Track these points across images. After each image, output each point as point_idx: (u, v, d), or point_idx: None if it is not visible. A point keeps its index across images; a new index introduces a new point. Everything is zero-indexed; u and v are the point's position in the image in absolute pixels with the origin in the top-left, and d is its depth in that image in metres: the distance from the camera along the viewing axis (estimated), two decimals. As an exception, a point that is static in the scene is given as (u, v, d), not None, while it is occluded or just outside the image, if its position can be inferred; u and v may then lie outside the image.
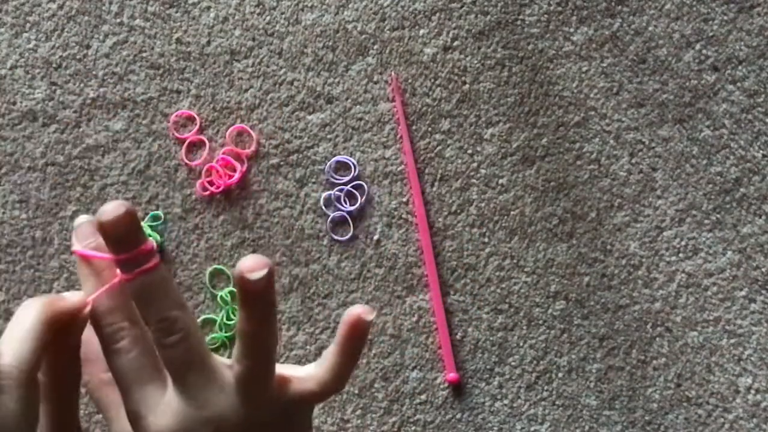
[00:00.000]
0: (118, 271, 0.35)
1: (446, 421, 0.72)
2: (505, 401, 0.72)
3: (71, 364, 0.36)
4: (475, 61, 0.76)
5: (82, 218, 0.36)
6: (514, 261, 0.73)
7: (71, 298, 0.35)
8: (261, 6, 0.76)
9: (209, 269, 0.72)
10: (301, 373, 0.37)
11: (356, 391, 0.72)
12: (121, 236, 0.34)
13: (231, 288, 0.72)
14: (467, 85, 0.75)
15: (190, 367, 0.35)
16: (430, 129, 0.75)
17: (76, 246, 0.36)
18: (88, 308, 0.35)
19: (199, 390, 0.35)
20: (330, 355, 0.37)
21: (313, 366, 0.38)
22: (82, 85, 0.74)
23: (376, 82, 0.75)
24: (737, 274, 0.74)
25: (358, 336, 0.36)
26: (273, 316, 0.35)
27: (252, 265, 0.33)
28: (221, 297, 0.71)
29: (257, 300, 0.34)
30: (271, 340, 0.35)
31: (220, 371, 0.36)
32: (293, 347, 0.72)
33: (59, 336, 0.34)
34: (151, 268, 0.34)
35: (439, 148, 0.74)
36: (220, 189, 0.73)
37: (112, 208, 0.33)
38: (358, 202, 0.73)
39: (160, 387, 0.35)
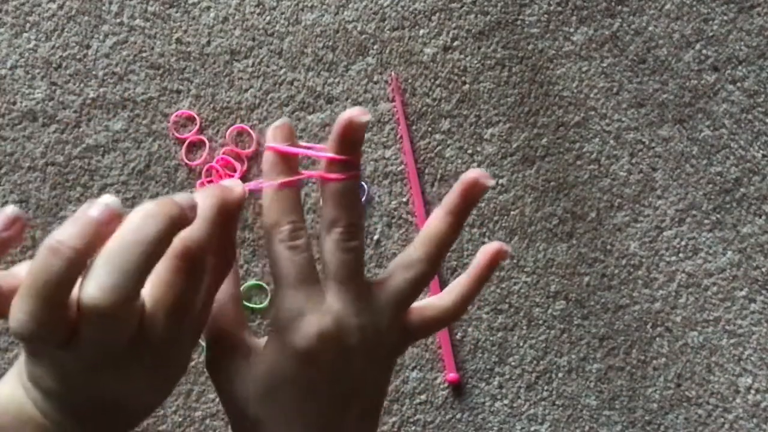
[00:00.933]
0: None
1: (446, 421, 0.72)
2: (505, 401, 0.72)
3: (229, 246, 0.37)
4: (475, 61, 0.76)
5: (284, 120, 0.38)
6: (514, 261, 0.73)
7: (237, 188, 0.36)
8: (261, 6, 0.76)
9: (209, 269, 0.72)
10: (422, 304, 0.39)
11: (356, 391, 0.72)
12: (357, 139, 0.36)
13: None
14: (467, 85, 0.75)
15: (358, 274, 0.37)
16: (430, 129, 0.75)
17: (274, 144, 0.37)
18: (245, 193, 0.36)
19: (358, 297, 0.36)
20: (462, 283, 0.39)
21: (435, 298, 0.40)
22: (82, 85, 0.74)
23: (376, 82, 0.75)
24: (737, 274, 0.74)
25: (494, 266, 0.39)
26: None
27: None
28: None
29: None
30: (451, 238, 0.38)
31: (370, 285, 0.38)
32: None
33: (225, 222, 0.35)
34: (357, 175, 0.37)
35: (439, 148, 0.74)
36: (220, 189, 0.73)
37: (359, 112, 0.35)
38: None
39: (321, 290, 0.36)
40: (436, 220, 0.38)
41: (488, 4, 0.77)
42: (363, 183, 0.74)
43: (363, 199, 0.73)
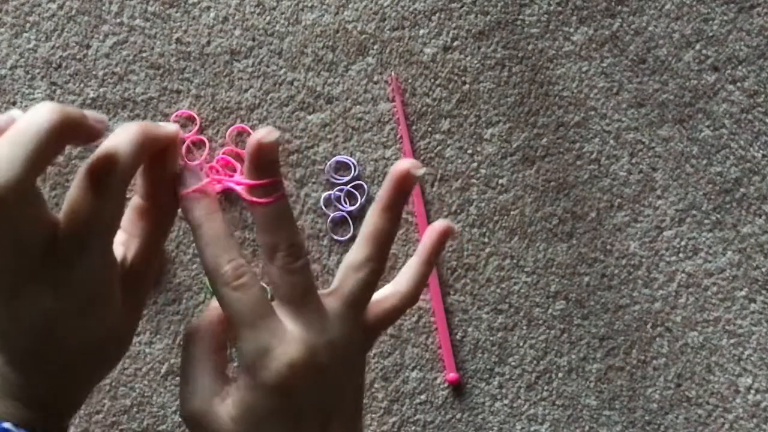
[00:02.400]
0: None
1: (446, 421, 0.72)
2: (505, 401, 0.72)
3: (166, 196, 0.37)
4: (475, 61, 0.76)
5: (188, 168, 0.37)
6: (514, 261, 0.73)
7: (169, 127, 0.35)
8: (261, 6, 0.76)
9: (209, 269, 0.72)
10: (380, 295, 0.40)
11: (356, 391, 0.72)
12: (272, 160, 0.35)
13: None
14: (467, 85, 0.75)
15: (311, 292, 0.36)
16: (430, 129, 0.75)
17: (192, 185, 0.37)
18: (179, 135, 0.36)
19: (315, 316, 0.36)
20: (412, 267, 0.40)
21: (389, 287, 0.40)
22: (82, 85, 0.74)
23: (376, 82, 0.75)
24: (737, 274, 0.74)
25: (442, 246, 0.41)
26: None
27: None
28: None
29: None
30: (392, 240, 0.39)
31: (326, 300, 0.37)
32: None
33: (154, 162, 0.36)
34: (284, 195, 0.36)
35: (439, 148, 0.74)
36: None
37: (267, 133, 0.35)
38: (358, 202, 0.73)
39: (278, 320, 0.36)
40: (374, 218, 0.38)
41: (488, 4, 0.77)
42: (363, 183, 0.74)
43: (363, 198, 0.73)
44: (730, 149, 0.76)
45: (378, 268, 0.38)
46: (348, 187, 0.73)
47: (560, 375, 0.72)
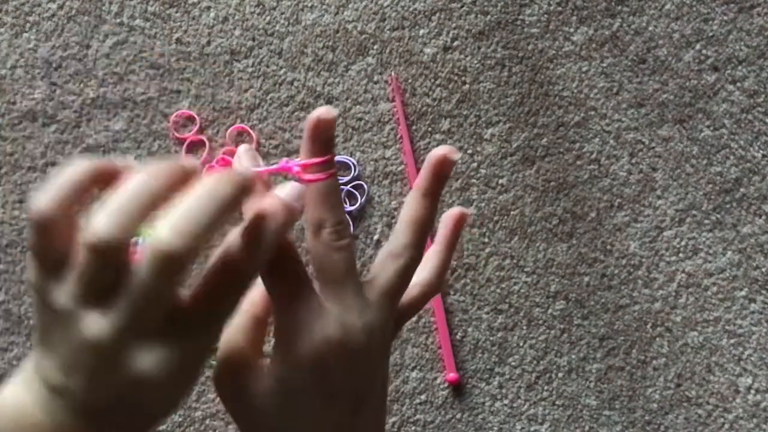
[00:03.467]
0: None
1: (446, 421, 0.72)
2: (505, 401, 0.72)
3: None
4: (475, 61, 0.76)
5: (245, 147, 0.38)
6: (514, 261, 0.73)
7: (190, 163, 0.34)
8: (261, 6, 0.76)
9: (209, 269, 0.72)
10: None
11: (356, 391, 0.72)
12: (329, 137, 0.36)
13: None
14: (467, 85, 0.75)
15: (353, 272, 0.36)
16: (430, 129, 0.75)
17: (245, 166, 0.38)
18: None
19: (354, 297, 0.36)
20: (432, 255, 0.41)
21: (414, 275, 0.40)
22: (82, 85, 0.74)
23: (376, 82, 0.75)
24: (737, 274, 0.74)
25: (460, 231, 0.42)
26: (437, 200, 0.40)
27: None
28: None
29: (443, 178, 0.38)
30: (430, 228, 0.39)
31: (365, 284, 0.38)
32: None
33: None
34: (335, 173, 0.37)
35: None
36: (220, 189, 0.73)
37: (326, 110, 0.35)
38: (358, 202, 0.73)
39: (316, 298, 0.36)
40: (413, 204, 0.38)
41: (488, 4, 0.77)
42: (363, 183, 0.74)
43: (363, 199, 0.73)
44: (730, 149, 0.76)
45: (417, 255, 0.38)
46: (348, 187, 0.73)
47: (560, 375, 0.72)
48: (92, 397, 0.31)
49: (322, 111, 0.35)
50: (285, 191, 0.35)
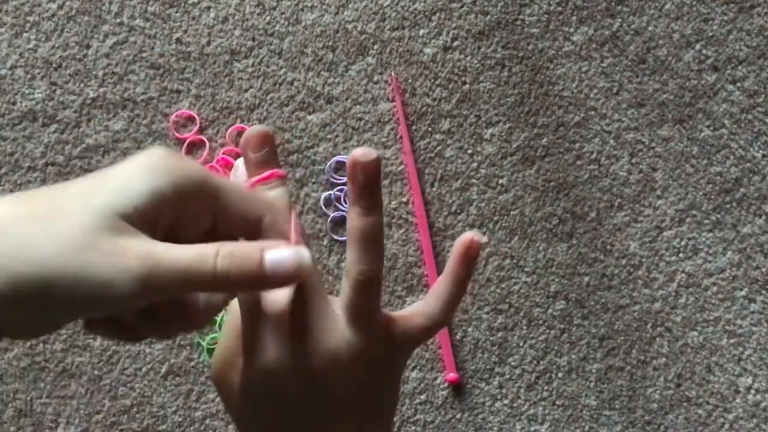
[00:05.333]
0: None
1: (446, 421, 0.72)
2: (505, 401, 0.72)
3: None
4: (475, 61, 0.76)
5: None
6: (514, 261, 0.73)
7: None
8: (261, 6, 0.76)
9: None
10: (406, 312, 0.38)
11: (356, 391, 0.72)
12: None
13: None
14: (467, 85, 0.75)
15: (310, 296, 0.36)
16: (430, 129, 0.75)
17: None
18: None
19: (315, 320, 0.35)
20: (440, 285, 0.38)
21: (420, 303, 0.38)
22: (82, 85, 0.74)
23: (376, 82, 0.75)
24: (737, 274, 0.74)
25: (470, 260, 0.37)
26: (381, 210, 0.37)
27: (364, 152, 0.35)
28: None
29: (370, 184, 0.36)
30: (380, 240, 0.37)
31: (333, 304, 0.37)
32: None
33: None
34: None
35: (439, 148, 0.74)
36: (220, 189, 0.73)
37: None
38: (358, 202, 0.73)
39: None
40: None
41: (488, 4, 0.77)
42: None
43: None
44: (730, 149, 0.76)
45: (365, 270, 0.36)
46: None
47: (560, 375, 0.72)
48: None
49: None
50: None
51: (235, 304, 0.39)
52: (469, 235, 0.37)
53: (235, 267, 0.30)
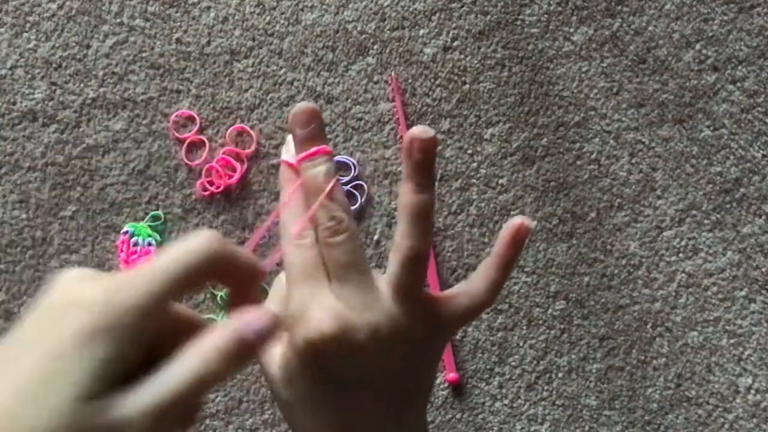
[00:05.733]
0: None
1: (446, 421, 0.72)
2: (505, 401, 0.72)
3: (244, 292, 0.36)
4: (475, 61, 0.76)
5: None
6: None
7: (246, 256, 0.33)
8: (261, 6, 0.76)
9: (209, 269, 0.72)
10: (451, 293, 0.38)
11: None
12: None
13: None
14: (467, 85, 0.75)
15: (351, 269, 0.36)
16: (430, 129, 0.75)
17: (286, 156, 0.39)
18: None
19: (358, 293, 0.36)
20: (486, 267, 0.38)
21: (464, 283, 0.39)
22: (82, 85, 0.74)
23: (376, 82, 0.75)
24: (737, 274, 0.74)
25: (518, 244, 0.38)
26: (434, 188, 0.38)
27: (422, 129, 0.35)
28: (221, 297, 0.71)
29: (426, 161, 0.36)
30: (431, 218, 0.37)
31: (377, 280, 0.37)
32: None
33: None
34: (333, 174, 0.38)
35: (439, 148, 0.74)
36: (220, 189, 0.73)
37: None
38: (358, 202, 0.73)
39: (325, 288, 0.36)
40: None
41: (488, 4, 0.77)
42: (363, 183, 0.74)
43: (363, 199, 0.73)
44: (730, 149, 0.76)
45: (415, 245, 0.36)
46: (348, 187, 0.73)
47: (560, 375, 0.72)
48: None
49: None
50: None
51: (281, 276, 0.39)
52: (518, 220, 0.38)
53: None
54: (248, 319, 0.30)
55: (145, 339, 0.29)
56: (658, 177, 0.75)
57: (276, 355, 0.37)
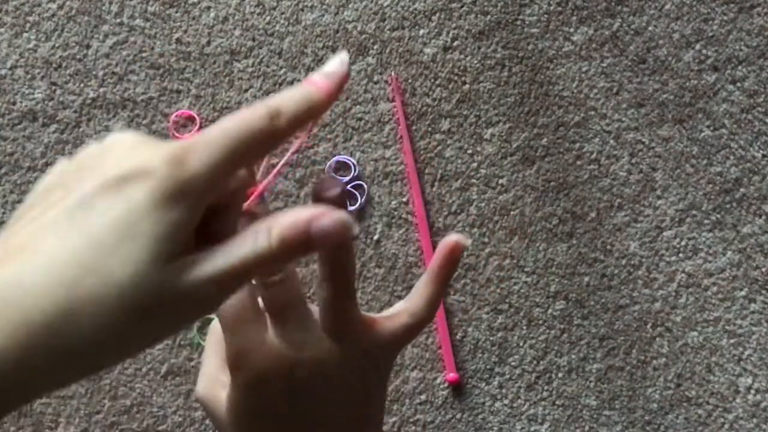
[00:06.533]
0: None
1: (446, 421, 0.72)
2: (505, 401, 0.72)
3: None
4: (475, 61, 0.76)
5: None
6: (514, 261, 0.73)
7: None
8: (261, 6, 0.76)
9: (209, 269, 0.72)
10: (388, 313, 0.38)
11: (356, 391, 0.72)
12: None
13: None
14: (467, 85, 0.75)
15: (290, 308, 0.36)
16: (430, 129, 0.75)
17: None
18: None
19: (296, 332, 0.36)
20: (422, 285, 0.39)
21: (402, 303, 0.39)
22: (82, 85, 0.74)
23: (376, 82, 0.75)
24: (737, 274, 0.74)
25: (454, 262, 0.39)
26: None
27: (327, 184, 0.35)
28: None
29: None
30: (349, 259, 0.36)
31: (314, 316, 0.37)
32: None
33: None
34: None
35: (439, 148, 0.74)
36: (220, 189, 0.73)
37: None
38: (358, 202, 0.73)
39: (262, 328, 0.36)
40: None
41: (488, 4, 0.77)
42: (363, 183, 0.74)
43: (363, 198, 0.73)
44: (730, 149, 0.76)
45: (331, 289, 0.36)
46: (348, 187, 0.73)
47: (560, 375, 0.72)
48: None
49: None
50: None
51: (215, 324, 0.39)
52: (453, 238, 0.38)
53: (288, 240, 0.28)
54: (321, 215, 0.28)
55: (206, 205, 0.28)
56: (658, 177, 0.75)
57: (222, 399, 0.37)
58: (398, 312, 0.38)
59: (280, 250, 0.28)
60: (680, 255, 0.74)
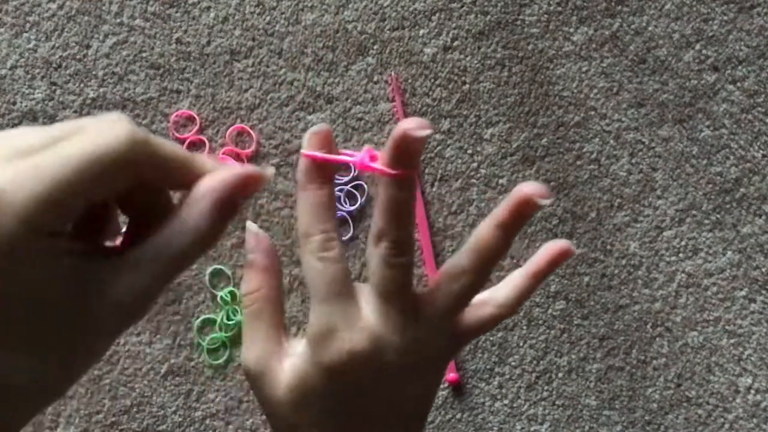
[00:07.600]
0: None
1: (446, 421, 0.72)
2: (505, 401, 0.72)
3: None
4: (475, 61, 0.76)
5: (321, 126, 0.35)
6: (514, 261, 0.73)
7: (174, 152, 0.31)
8: (261, 6, 0.76)
9: (209, 269, 0.72)
10: (478, 300, 0.38)
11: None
12: (415, 153, 0.34)
13: (231, 288, 0.72)
14: (467, 85, 0.75)
15: (403, 290, 0.35)
16: (430, 129, 0.75)
17: (308, 150, 0.35)
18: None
19: (400, 315, 0.35)
20: (518, 278, 0.38)
21: (488, 292, 0.38)
22: (82, 85, 0.74)
23: (376, 82, 0.75)
24: (737, 274, 0.74)
25: (556, 265, 0.38)
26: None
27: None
28: (221, 297, 0.71)
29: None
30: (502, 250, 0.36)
31: (418, 302, 0.36)
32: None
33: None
34: (415, 190, 0.35)
35: (439, 148, 0.74)
36: (220, 189, 0.72)
37: (417, 125, 0.32)
38: (358, 202, 0.73)
39: (356, 305, 0.35)
40: (484, 230, 0.35)
41: (488, 4, 0.77)
42: (363, 183, 0.74)
43: (363, 198, 0.73)
44: (730, 149, 0.76)
45: (476, 281, 0.36)
46: (348, 187, 0.73)
47: (560, 375, 0.72)
48: None
49: (413, 125, 0.32)
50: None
51: (255, 285, 0.37)
52: (566, 244, 0.37)
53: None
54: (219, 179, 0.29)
55: (76, 214, 0.27)
56: (658, 177, 0.75)
57: (282, 378, 0.35)
58: (485, 301, 0.38)
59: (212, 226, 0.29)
60: (680, 255, 0.74)
